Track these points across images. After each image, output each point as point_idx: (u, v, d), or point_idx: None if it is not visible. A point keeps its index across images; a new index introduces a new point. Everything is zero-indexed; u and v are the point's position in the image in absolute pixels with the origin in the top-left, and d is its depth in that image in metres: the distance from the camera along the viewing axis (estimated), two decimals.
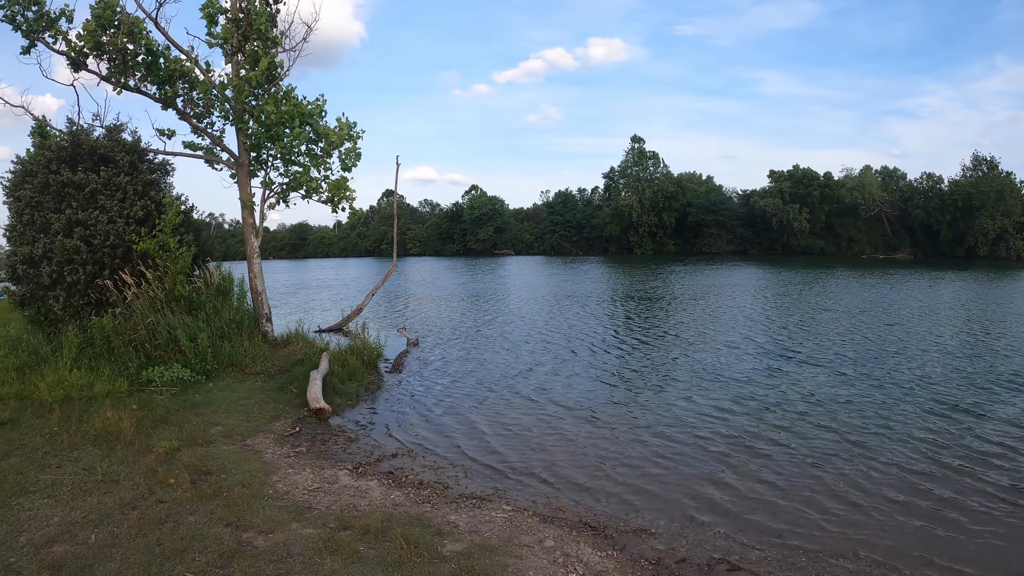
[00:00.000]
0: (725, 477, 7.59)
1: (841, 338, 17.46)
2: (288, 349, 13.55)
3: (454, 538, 5.58)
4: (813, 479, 7.50)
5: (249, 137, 13.93)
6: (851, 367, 13.63)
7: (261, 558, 5.04)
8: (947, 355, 14.96)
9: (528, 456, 8.33)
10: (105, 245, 11.95)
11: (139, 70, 12.88)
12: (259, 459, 7.53)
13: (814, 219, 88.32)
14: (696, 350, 15.88)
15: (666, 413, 10.26)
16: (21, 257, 12.03)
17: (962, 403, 10.70)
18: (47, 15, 12.13)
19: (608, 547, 5.68)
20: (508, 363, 14.51)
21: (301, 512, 6.01)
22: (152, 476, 6.64)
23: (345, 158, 14.59)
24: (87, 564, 4.91)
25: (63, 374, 9.95)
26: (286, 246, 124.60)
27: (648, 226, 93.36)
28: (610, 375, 13.22)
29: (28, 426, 8.30)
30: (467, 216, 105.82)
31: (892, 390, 11.59)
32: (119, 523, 5.59)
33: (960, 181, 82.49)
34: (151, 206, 12.57)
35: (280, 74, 13.91)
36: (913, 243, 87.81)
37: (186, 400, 9.74)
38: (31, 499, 6.11)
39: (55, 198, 12.07)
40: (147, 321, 11.46)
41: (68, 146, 12.29)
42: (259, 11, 13.54)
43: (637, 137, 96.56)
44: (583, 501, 6.90)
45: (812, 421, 9.73)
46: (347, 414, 10.13)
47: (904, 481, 7.43)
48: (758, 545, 5.87)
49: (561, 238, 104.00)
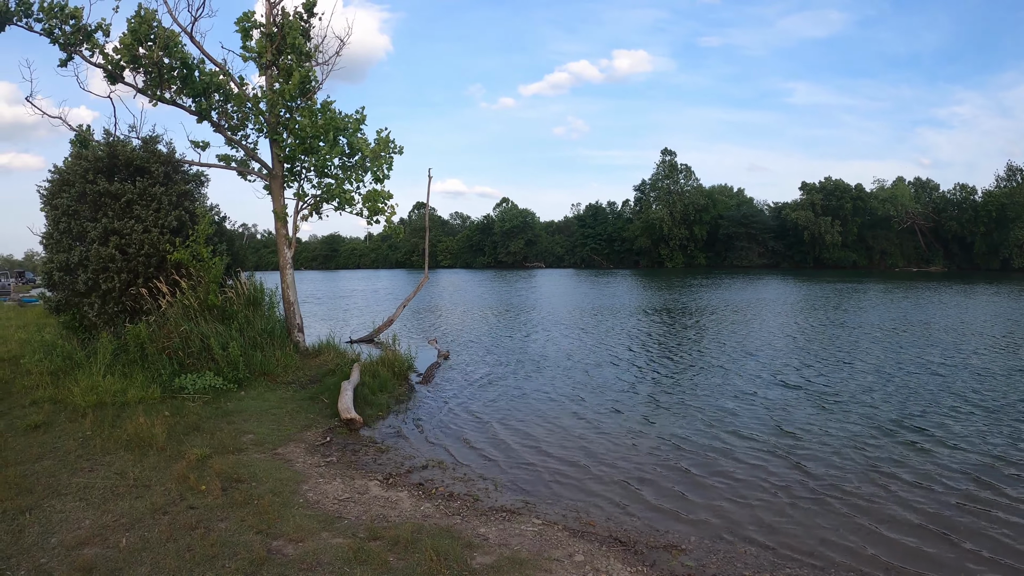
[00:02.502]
0: (757, 494, 7.38)
1: (881, 360, 17.04)
2: (319, 359, 13.59)
3: (484, 551, 5.48)
4: (846, 498, 7.25)
5: (283, 149, 14.06)
6: (890, 389, 13.26)
7: (290, 566, 4.99)
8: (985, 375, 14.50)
9: (558, 470, 8.19)
10: (140, 254, 12.14)
11: (174, 83, 13.05)
12: (290, 468, 7.51)
13: (846, 232, 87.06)
14: (729, 369, 15.60)
15: (698, 430, 10.04)
16: (57, 264, 12.29)
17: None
18: (84, 28, 12.38)
19: (638, 563, 5.53)
20: (539, 377, 14.38)
21: (331, 521, 5.96)
22: (183, 482, 6.65)
23: (377, 170, 14.65)
24: (117, 567, 4.90)
25: (97, 380, 10.08)
26: (317, 257, 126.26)
27: (679, 239, 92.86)
28: (642, 390, 13.03)
29: (61, 430, 8.40)
30: (498, 229, 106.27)
31: (933, 411, 11.23)
32: (150, 528, 5.59)
33: (994, 192, 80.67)
34: (185, 216, 12.75)
35: (314, 87, 14.06)
36: (946, 255, 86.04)
37: (218, 408, 9.78)
38: (63, 502, 6.15)
39: (91, 207, 12.31)
40: (180, 329, 11.58)
41: (105, 156, 12.54)
42: (293, 25, 13.72)
43: (668, 150, 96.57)
44: (613, 516, 6.75)
45: (847, 442, 9.44)
46: (378, 425, 10.09)
47: (939, 502, 7.15)
48: (789, 564, 5.69)
49: (592, 251, 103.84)
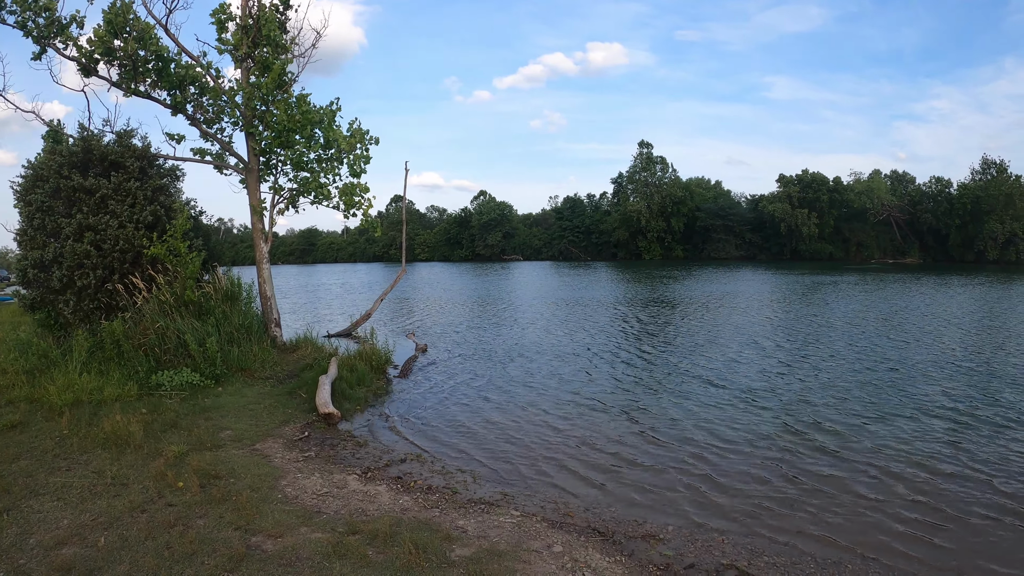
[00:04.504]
0: (734, 484, 7.54)
1: (848, 345, 17.35)
2: (297, 354, 13.56)
3: (463, 543, 5.55)
4: (823, 486, 7.44)
5: (259, 143, 13.96)
6: (862, 373, 13.54)
7: (270, 562, 5.03)
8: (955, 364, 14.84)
9: (537, 462, 8.29)
10: (115, 250, 12.02)
11: (149, 76, 12.89)
12: (268, 463, 7.52)
13: (823, 224, 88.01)
14: (704, 357, 15.81)
15: (675, 420, 10.21)
16: (32, 261, 12.11)
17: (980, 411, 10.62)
18: (58, 21, 12.17)
19: (617, 552, 5.64)
20: (517, 369, 14.48)
21: (310, 516, 6.00)
22: (161, 480, 6.64)
23: (354, 164, 14.61)
24: (96, 567, 4.91)
25: (73, 378, 9.99)
26: (295, 251, 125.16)
27: (656, 231, 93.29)
28: (619, 381, 13.17)
29: (38, 429, 8.32)
30: (475, 222, 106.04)
31: (903, 394, 11.51)
32: (128, 526, 5.60)
33: (969, 185, 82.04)
34: (161, 211, 12.62)
35: (290, 80, 13.95)
36: (922, 248, 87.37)
37: (195, 404, 9.75)
38: (41, 501, 6.12)
39: (66, 203, 12.15)
40: (157, 326, 11.49)
41: (79, 151, 12.37)
42: (269, 17, 13.60)
43: (645, 142, 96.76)
44: (592, 506, 6.86)
45: (821, 428, 9.66)
46: (356, 419, 10.12)
47: (918, 490, 7.36)
48: (767, 552, 5.83)
49: (570, 244, 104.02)
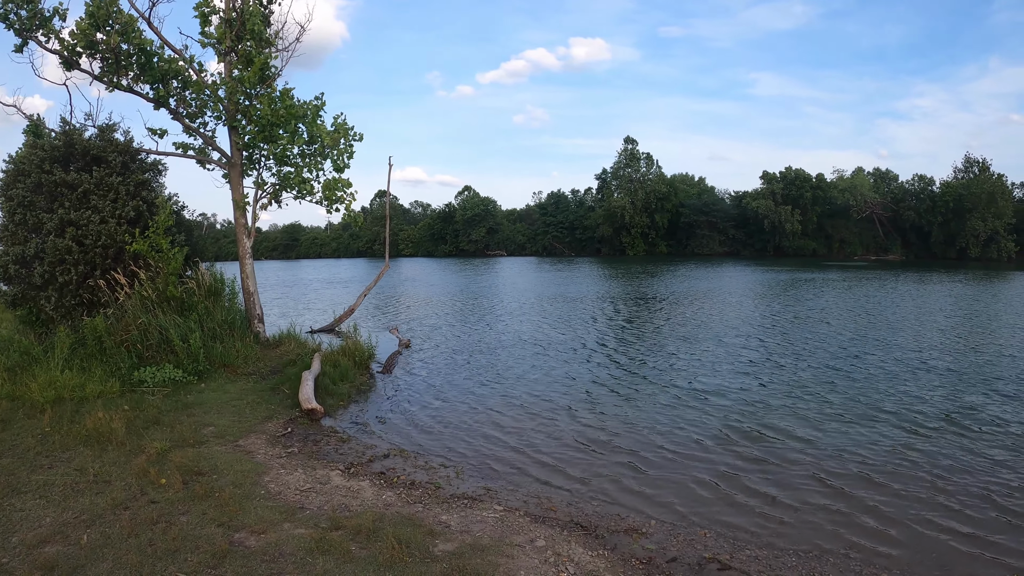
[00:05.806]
0: (716, 478, 7.65)
1: (828, 341, 17.57)
2: (280, 350, 13.53)
3: (445, 538, 5.61)
4: (803, 480, 7.57)
5: (242, 137, 13.90)
6: (841, 367, 13.73)
7: (253, 558, 5.07)
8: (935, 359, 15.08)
9: (519, 456, 8.37)
10: (97, 245, 11.93)
11: (132, 69, 12.78)
12: (251, 460, 7.54)
13: (806, 221, 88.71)
14: (687, 353, 15.96)
15: (658, 414, 10.32)
16: (13, 257, 11.99)
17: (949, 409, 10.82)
18: (40, 13, 12.05)
19: (599, 546, 5.72)
20: (499, 364, 14.55)
21: (293, 512, 6.04)
22: (144, 477, 6.65)
23: (337, 159, 14.58)
24: (79, 564, 4.92)
25: (55, 375, 9.92)
26: (278, 247, 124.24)
27: (640, 227, 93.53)
28: (602, 376, 13.27)
29: (19, 427, 8.28)
30: (459, 217, 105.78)
31: (880, 388, 11.69)
32: (111, 523, 5.61)
33: (951, 183, 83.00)
34: (143, 207, 12.54)
35: (273, 74, 13.90)
36: (904, 244, 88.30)
37: (178, 401, 9.73)
38: (23, 500, 6.11)
39: (47, 198, 12.04)
40: (139, 322, 11.44)
41: (61, 146, 12.25)
42: (252, 11, 13.52)
43: (630, 138, 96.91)
44: (574, 501, 6.94)
45: (802, 423, 9.81)
46: (339, 415, 10.15)
47: (897, 480, 7.51)
48: (748, 545, 5.93)
49: (553, 239, 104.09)
